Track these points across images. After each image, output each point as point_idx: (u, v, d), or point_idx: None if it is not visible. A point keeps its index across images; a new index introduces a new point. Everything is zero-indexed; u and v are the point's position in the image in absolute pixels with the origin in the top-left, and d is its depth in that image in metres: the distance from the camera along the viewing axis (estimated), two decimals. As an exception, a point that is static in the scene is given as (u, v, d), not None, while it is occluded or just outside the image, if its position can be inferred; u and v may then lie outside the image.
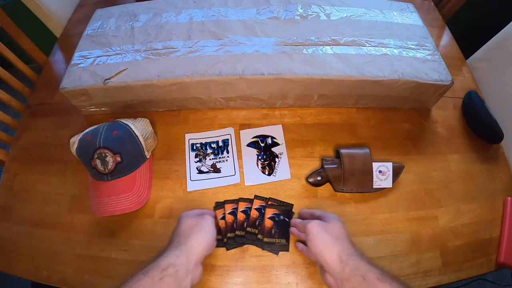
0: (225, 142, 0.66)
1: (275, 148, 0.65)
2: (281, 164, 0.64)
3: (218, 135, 0.67)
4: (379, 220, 0.58)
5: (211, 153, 0.65)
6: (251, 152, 0.65)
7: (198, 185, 0.62)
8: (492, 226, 0.59)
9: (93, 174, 0.58)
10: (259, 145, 0.66)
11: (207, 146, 0.66)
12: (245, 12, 0.73)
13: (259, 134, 0.67)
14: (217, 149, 0.65)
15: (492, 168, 0.65)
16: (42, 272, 0.56)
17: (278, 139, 0.66)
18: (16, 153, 0.70)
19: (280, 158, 0.64)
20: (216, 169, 0.63)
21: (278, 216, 0.58)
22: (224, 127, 0.68)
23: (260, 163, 0.64)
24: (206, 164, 0.64)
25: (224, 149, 0.65)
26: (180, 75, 0.62)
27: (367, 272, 0.41)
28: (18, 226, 0.61)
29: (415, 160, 0.64)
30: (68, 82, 0.64)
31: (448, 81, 0.62)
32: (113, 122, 0.60)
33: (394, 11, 0.74)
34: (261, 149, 0.65)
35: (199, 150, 0.65)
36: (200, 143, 0.66)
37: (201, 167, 0.64)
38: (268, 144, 0.66)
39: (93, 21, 0.76)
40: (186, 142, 0.67)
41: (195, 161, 0.64)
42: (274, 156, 0.64)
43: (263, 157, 0.64)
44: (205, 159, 0.64)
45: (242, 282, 0.53)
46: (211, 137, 0.67)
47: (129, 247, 0.57)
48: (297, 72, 0.61)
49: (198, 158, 0.65)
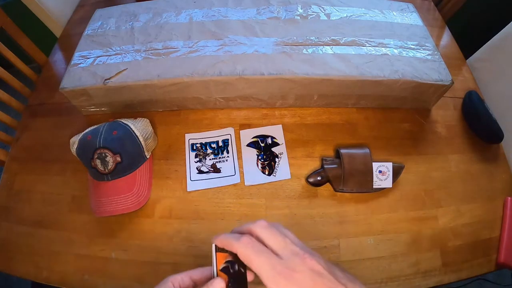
0: (225, 142, 0.66)
1: (275, 148, 0.65)
2: (281, 164, 0.63)
3: (218, 135, 0.67)
4: (379, 220, 0.58)
5: (211, 153, 0.65)
6: (251, 152, 0.65)
7: (198, 185, 0.62)
8: (492, 226, 0.59)
9: (93, 174, 0.58)
10: (259, 145, 0.66)
11: (207, 146, 0.66)
12: (245, 12, 0.73)
13: (259, 134, 0.67)
14: (217, 149, 0.65)
15: (492, 168, 0.65)
16: (42, 272, 0.56)
17: (278, 139, 0.66)
18: (16, 153, 0.70)
19: (280, 158, 0.64)
20: (216, 169, 0.63)
21: (232, 265, 0.35)
22: (224, 127, 0.68)
23: (260, 163, 0.64)
24: (206, 164, 0.64)
25: (224, 149, 0.65)
26: (180, 75, 0.62)
27: None
28: (18, 226, 0.61)
29: (415, 160, 0.64)
30: (68, 82, 0.64)
31: (448, 81, 0.62)
32: (113, 122, 0.60)
33: (394, 11, 0.74)
34: (261, 149, 0.65)
35: (199, 150, 0.65)
36: (200, 143, 0.66)
37: (201, 167, 0.64)
38: (268, 144, 0.66)
39: (93, 21, 0.76)
40: (186, 142, 0.67)
41: (195, 161, 0.64)
42: (274, 156, 0.64)
43: (263, 157, 0.64)
44: (205, 159, 0.64)
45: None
46: (211, 137, 0.67)
47: (129, 247, 0.57)
48: (297, 72, 0.61)
49: (198, 158, 0.64)
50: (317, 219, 0.58)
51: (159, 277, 0.54)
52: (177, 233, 0.57)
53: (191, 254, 0.56)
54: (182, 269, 0.54)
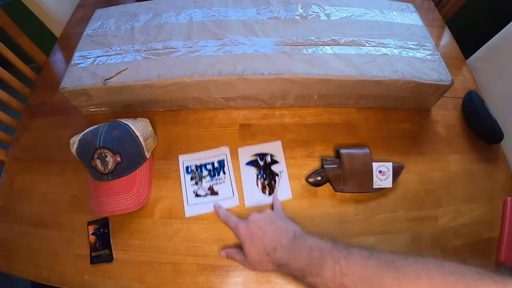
0: (220, 163, 0.63)
1: (275, 166, 0.63)
2: (281, 183, 0.61)
3: (213, 155, 0.64)
4: (379, 220, 0.58)
5: (207, 175, 0.62)
6: (251, 171, 0.63)
7: (196, 210, 0.59)
8: (492, 226, 0.59)
9: (93, 174, 0.58)
10: (258, 163, 0.63)
11: (203, 168, 0.63)
12: (245, 12, 0.73)
13: (258, 152, 0.65)
14: (213, 171, 0.63)
15: (492, 168, 0.65)
16: (42, 272, 0.56)
17: (278, 157, 0.64)
18: (16, 153, 0.71)
19: (280, 177, 0.62)
20: (214, 192, 0.61)
21: (98, 230, 0.58)
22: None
23: (260, 183, 0.61)
24: (203, 187, 0.61)
25: (220, 170, 0.63)
26: (180, 75, 0.62)
27: None
28: (18, 226, 0.61)
29: (415, 160, 0.64)
30: (68, 82, 0.64)
31: (448, 81, 0.62)
32: (113, 122, 0.60)
33: (394, 11, 0.74)
34: (261, 167, 0.63)
35: (194, 172, 0.62)
36: (195, 165, 0.63)
37: (198, 191, 0.61)
38: (267, 162, 0.63)
39: (93, 21, 0.76)
40: (180, 164, 0.64)
41: (191, 184, 0.62)
42: (274, 174, 0.62)
43: (262, 176, 0.62)
44: (202, 182, 0.62)
45: (242, 282, 0.53)
46: (206, 158, 0.64)
47: (129, 247, 0.57)
48: (297, 72, 0.61)
49: (194, 181, 0.62)
50: (317, 219, 0.58)
51: (159, 277, 0.54)
52: (177, 233, 0.58)
53: (191, 254, 0.56)
54: (182, 269, 0.55)
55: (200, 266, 0.55)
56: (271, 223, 0.49)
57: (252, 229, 0.48)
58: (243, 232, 0.49)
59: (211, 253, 0.56)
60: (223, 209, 0.57)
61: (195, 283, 0.54)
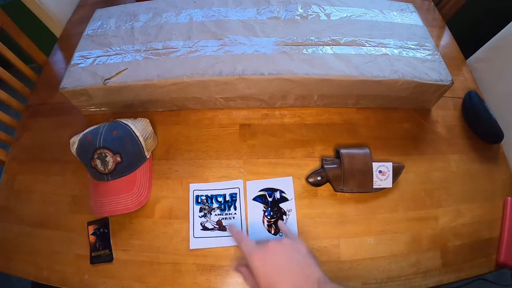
0: (232, 196, 0.60)
1: (284, 204, 0.60)
2: (289, 222, 0.58)
3: (226, 187, 0.61)
4: (379, 220, 0.58)
5: (217, 208, 0.59)
6: (258, 207, 0.59)
7: (201, 243, 0.57)
8: (492, 226, 0.59)
9: (93, 174, 0.58)
10: (266, 199, 0.60)
11: (213, 200, 0.60)
12: (245, 12, 0.73)
13: (267, 187, 0.61)
14: (224, 204, 0.60)
15: (492, 168, 0.65)
16: (42, 272, 0.56)
17: (287, 194, 0.60)
18: (16, 153, 0.70)
19: (288, 216, 0.58)
20: (222, 227, 0.58)
21: (98, 230, 0.58)
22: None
23: (266, 220, 0.58)
24: (211, 220, 0.58)
25: (231, 204, 0.60)
26: (180, 75, 0.62)
27: None
28: (18, 226, 0.61)
29: (415, 160, 0.64)
30: (68, 82, 0.64)
31: (448, 81, 0.62)
32: (113, 122, 0.60)
33: (394, 11, 0.74)
34: (268, 204, 0.60)
35: (204, 203, 0.60)
36: (206, 195, 0.61)
37: (206, 223, 0.58)
38: (276, 199, 0.60)
39: (93, 21, 0.76)
40: (191, 193, 0.61)
41: (200, 216, 0.59)
42: (282, 213, 0.59)
43: (269, 213, 0.59)
44: (211, 214, 0.59)
45: (242, 282, 0.53)
46: (218, 189, 0.61)
47: (129, 247, 0.57)
48: (297, 72, 0.61)
49: (203, 213, 0.59)
50: (317, 219, 0.58)
51: (159, 277, 0.54)
52: (177, 233, 0.58)
53: (191, 254, 0.56)
54: (182, 269, 0.55)
55: (200, 266, 0.55)
56: (291, 261, 0.42)
57: (268, 265, 0.42)
58: (258, 267, 0.42)
59: (211, 253, 0.56)
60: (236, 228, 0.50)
61: (195, 283, 0.54)
